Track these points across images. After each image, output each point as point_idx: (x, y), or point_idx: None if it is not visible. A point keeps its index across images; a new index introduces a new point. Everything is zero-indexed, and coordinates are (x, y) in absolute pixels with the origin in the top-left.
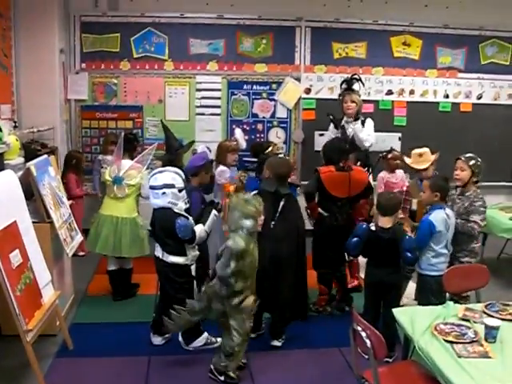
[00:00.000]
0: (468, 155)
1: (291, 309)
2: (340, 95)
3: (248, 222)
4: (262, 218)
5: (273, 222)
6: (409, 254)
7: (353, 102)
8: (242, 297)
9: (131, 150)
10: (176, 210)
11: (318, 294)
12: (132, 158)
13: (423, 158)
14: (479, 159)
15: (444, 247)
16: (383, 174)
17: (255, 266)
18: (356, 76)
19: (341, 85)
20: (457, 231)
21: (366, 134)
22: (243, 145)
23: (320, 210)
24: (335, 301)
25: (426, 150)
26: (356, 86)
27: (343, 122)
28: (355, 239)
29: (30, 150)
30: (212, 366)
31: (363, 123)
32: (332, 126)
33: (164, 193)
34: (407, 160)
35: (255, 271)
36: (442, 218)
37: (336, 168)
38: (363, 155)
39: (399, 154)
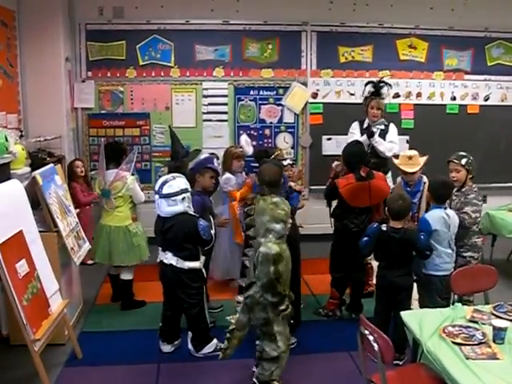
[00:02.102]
0: (459, 155)
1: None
2: (366, 98)
3: (278, 226)
4: (290, 220)
5: None
6: (428, 253)
7: (379, 108)
8: (287, 302)
9: (116, 159)
10: (192, 213)
11: (329, 298)
12: (119, 166)
13: (413, 161)
14: (470, 156)
15: (447, 247)
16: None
17: (290, 268)
18: (384, 79)
19: (365, 85)
20: None
21: (388, 142)
22: (249, 151)
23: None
24: (345, 305)
25: (415, 153)
26: (384, 90)
27: (367, 124)
28: (365, 238)
29: (37, 159)
30: (255, 380)
31: (386, 129)
32: (358, 132)
33: (184, 198)
34: (395, 161)
35: (289, 274)
36: (438, 216)
37: (356, 178)
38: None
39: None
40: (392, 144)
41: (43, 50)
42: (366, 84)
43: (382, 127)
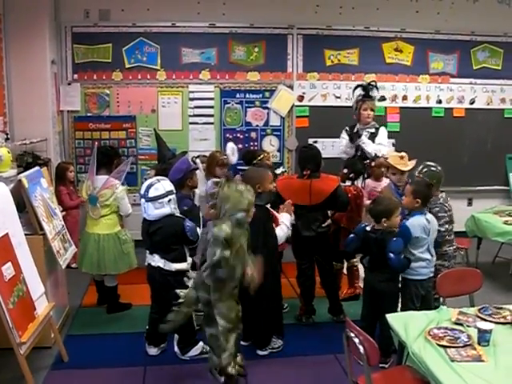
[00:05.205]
0: (425, 164)
1: (268, 322)
2: (357, 102)
3: (239, 214)
4: (253, 209)
5: None
6: (391, 255)
7: (372, 110)
8: (233, 284)
9: (108, 165)
10: (178, 215)
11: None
12: (110, 173)
13: (404, 161)
14: (435, 168)
15: (425, 252)
16: (369, 182)
17: (243, 255)
18: (373, 83)
19: (354, 90)
20: None
21: (377, 144)
22: (233, 161)
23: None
24: (313, 313)
25: (405, 154)
26: (373, 93)
27: (356, 129)
28: (352, 235)
29: (23, 162)
30: (210, 371)
31: (376, 132)
32: (347, 137)
33: (170, 200)
34: (390, 160)
35: (242, 262)
36: (419, 223)
37: (298, 176)
38: (351, 161)
39: (385, 161)
40: (380, 146)
41: (29, 52)
42: (355, 88)
43: (373, 130)
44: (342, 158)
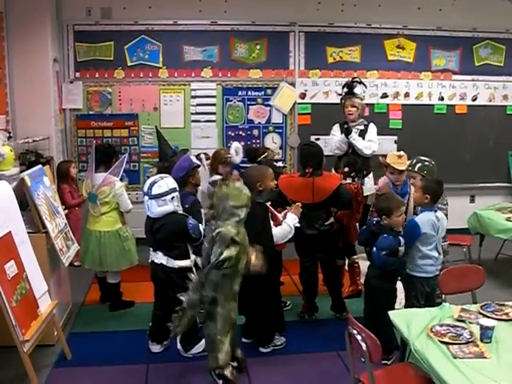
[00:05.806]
0: (418, 159)
1: (270, 319)
2: (342, 99)
3: (241, 212)
4: (250, 205)
5: None
6: (373, 249)
7: (353, 106)
8: (234, 284)
9: (107, 162)
10: (181, 213)
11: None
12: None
13: (402, 160)
14: (429, 162)
15: (433, 249)
16: (384, 179)
17: (245, 251)
18: (357, 79)
19: (342, 88)
20: None
21: (367, 141)
22: (237, 160)
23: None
24: (316, 310)
25: (403, 153)
26: (358, 89)
27: (347, 126)
28: (363, 227)
29: (25, 161)
30: (210, 372)
31: (366, 128)
32: (339, 133)
33: (173, 197)
34: (388, 159)
35: (245, 256)
36: (428, 220)
37: (300, 174)
38: (352, 159)
39: (383, 160)
40: (370, 143)
41: (31, 51)
42: (343, 87)
43: (362, 127)
44: (335, 154)
